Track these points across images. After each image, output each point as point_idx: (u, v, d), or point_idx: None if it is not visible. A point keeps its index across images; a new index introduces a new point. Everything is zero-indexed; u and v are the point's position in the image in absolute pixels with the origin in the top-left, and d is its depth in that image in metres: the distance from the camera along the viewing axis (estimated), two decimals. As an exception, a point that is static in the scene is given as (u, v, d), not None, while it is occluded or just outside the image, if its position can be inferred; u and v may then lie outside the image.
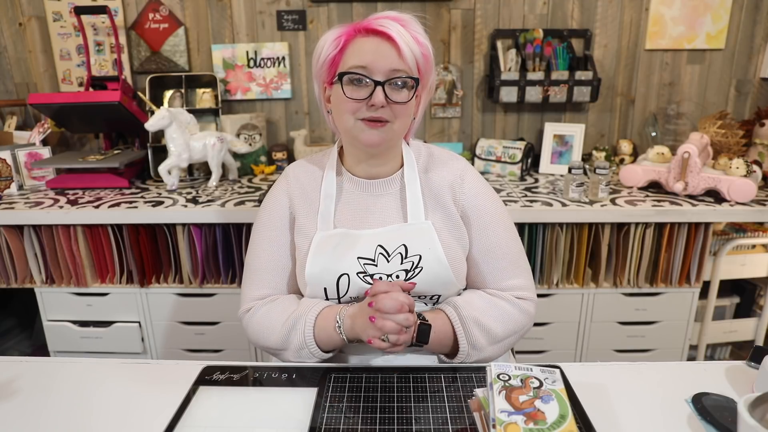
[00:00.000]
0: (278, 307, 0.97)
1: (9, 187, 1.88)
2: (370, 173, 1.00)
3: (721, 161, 1.78)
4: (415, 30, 0.91)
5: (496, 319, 0.93)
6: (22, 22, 2.15)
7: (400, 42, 0.87)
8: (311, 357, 0.91)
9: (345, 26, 0.93)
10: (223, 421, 0.77)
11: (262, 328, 0.96)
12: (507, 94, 2.07)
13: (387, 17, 0.90)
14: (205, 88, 2.16)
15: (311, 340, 0.90)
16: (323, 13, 2.14)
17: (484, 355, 0.92)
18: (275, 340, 0.93)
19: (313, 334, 0.90)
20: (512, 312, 0.95)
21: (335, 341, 0.90)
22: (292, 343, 0.91)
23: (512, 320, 0.95)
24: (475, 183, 1.01)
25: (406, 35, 0.89)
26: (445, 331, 0.91)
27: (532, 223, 1.68)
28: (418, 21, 0.92)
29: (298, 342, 0.91)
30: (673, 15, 2.11)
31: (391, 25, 0.88)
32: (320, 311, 0.92)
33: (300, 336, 0.90)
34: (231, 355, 1.83)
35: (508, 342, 0.95)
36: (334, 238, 0.95)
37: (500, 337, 0.93)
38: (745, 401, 0.62)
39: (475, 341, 0.90)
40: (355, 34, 0.91)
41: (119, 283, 1.77)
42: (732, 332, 1.93)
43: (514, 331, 0.95)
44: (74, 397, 0.85)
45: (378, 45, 0.89)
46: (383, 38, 0.89)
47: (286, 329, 0.92)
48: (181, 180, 1.99)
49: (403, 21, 0.91)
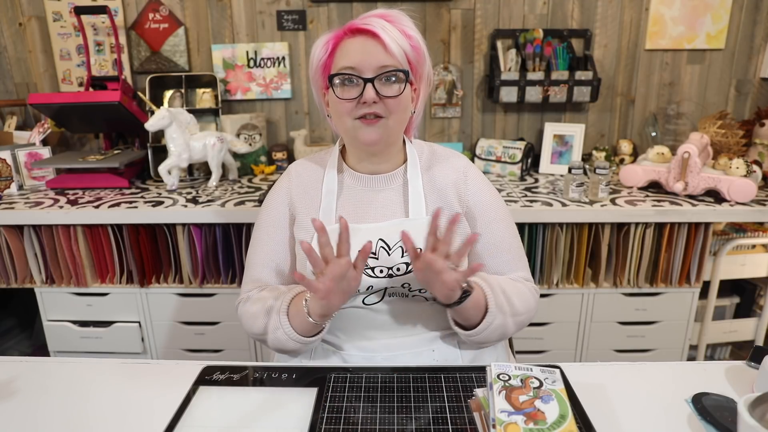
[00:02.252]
0: (263, 294, 0.98)
1: (9, 187, 1.88)
2: (371, 170, 1.01)
3: (721, 161, 1.78)
4: (402, 23, 0.92)
5: (515, 292, 0.95)
6: (22, 22, 2.15)
7: (385, 37, 0.88)
8: (289, 340, 0.90)
9: (333, 31, 0.94)
10: (223, 421, 0.77)
11: (249, 315, 0.96)
12: (507, 94, 2.07)
13: (372, 15, 0.91)
14: (205, 88, 2.16)
15: (285, 320, 0.89)
16: (323, 13, 2.14)
17: (503, 328, 0.92)
18: (259, 325, 0.94)
19: (288, 314, 0.90)
20: (526, 292, 0.97)
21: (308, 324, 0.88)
22: (269, 326, 0.92)
23: (527, 299, 0.96)
24: (479, 180, 1.02)
25: (392, 30, 0.89)
26: (476, 296, 0.90)
27: (532, 223, 1.68)
28: (405, 14, 0.93)
29: (273, 323, 0.91)
30: (673, 15, 2.11)
31: (375, 23, 0.89)
32: (296, 295, 0.92)
33: (276, 316, 0.91)
34: (231, 355, 1.84)
35: (522, 320, 0.96)
36: (335, 233, 0.95)
37: (518, 312, 0.94)
38: (745, 401, 0.62)
39: (502, 306, 0.91)
40: (342, 36, 0.92)
41: (119, 283, 1.77)
42: (732, 332, 1.93)
43: (527, 310, 0.96)
44: (74, 397, 0.85)
45: (364, 44, 0.90)
46: (369, 36, 0.89)
47: (264, 312, 0.93)
48: (181, 180, 1.99)
49: (389, 16, 0.91)
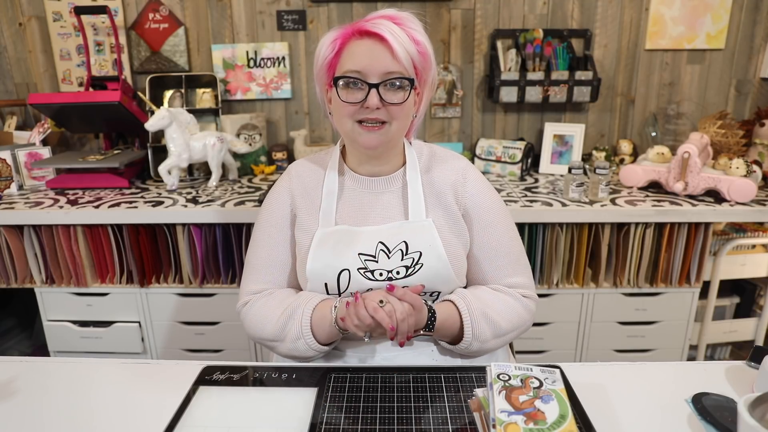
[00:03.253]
0: (275, 299, 0.97)
1: (9, 187, 1.88)
2: (371, 172, 1.01)
3: (721, 161, 1.78)
4: (412, 27, 0.90)
5: (501, 313, 0.94)
6: (22, 22, 2.15)
7: (393, 43, 0.87)
8: (307, 349, 0.91)
9: (341, 28, 0.92)
10: (223, 421, 0.77)
11: (258, 319, 0.96)
12: (507, 94, 2.07)
13: (382, 17, 0.90)
14: (205, 88, 2.16)
15: (308, 329, 0.90)
16: (323, 13, 2.14)
17: (486, 348, 0.93)
18: (271, 330, 0.93)
19: (310, 323, 0.90)
20: (517, 308, 0.96)
21: (331, 331, 0.90)
22: (288, 334, 0.91)
23: (516, 316, 0.96)
24: (477, 182, 1.01)
25: (401, 35, 0.88)
26: (453, 320, 0.91)
27: (532, 223, 1.68)
28: (415, 17, 0.91)
29: (295, 332, 0.91)
30: (673, 15, 2.11)
31: (384, 26, 0.88)
32: (319, 302, 0.92)
33: (297, 326, 0.90)
34: (231, 355, 1.83)
35: (510, 337, 0.96)
36: (335, 234, 0.96)
37: (504, 332, 0.94)
38: (745, 401, 0.62)
39: (480, 333, 0.91)
40: (350, 36, 0.91)
41: (119, 283, 1.77)
42: (732, 332, 1.93)
43: (516, 327, 0.96)
44: (74, 397, 0.85)
45: (371, 48, 0.88)
46: (377, 40, 0.88)
47: (283, 319, 0.92)
48: (181, 180, 1.99)
49: (399, 19, 0.90)
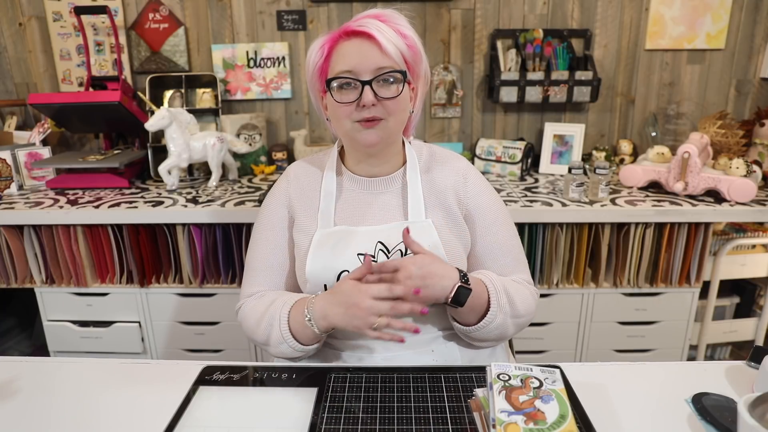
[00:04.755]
0: (263, 302, 0.97)
1: (9, 187, 1.88)
2: (370, 172, 1.01)
3: (721, 161, 1.78)
4: (397, 23, 0.91)
5: (518, 293, 0.94)
6: (22, 22, 2.15)
7: (380, 38, 0.88)
8: (293, 351, 0.91)
9: (328, 33, 0.93)
10: (223, 421, 0.77)
11: (249, 323, 0.96)
12: (507, 94, 2.07)
13: (366, 16, 0.91)
14: (205, 88, 2.16)
15: (288, 334, 0.89)
16: (323, 13, 2.14)
17: (504, 327, 0.91)
18: (260, 334, 0.93)
19: (289, 328, 0.90)
20: (528, 295, 0.97)
21: (311, 334, 0.88)
22: (271, 339, 0.91)
23: (528, 302, 0.96)
24: (478, 183, 1.02)
25: (387, 30, 0.89)
26: (480, 289, 0.90)
27: (532, 223, 1.68)
28: (400, 14, 0.92)
29: (276, 337, 0.91)
30: (673, 15, 2.10)
31: (370, 24, 0.89)
32: (293, 305, 0.91)
33: (277, 331, 0.90)
34: (231, 355, 1.83)
35: (521, 322, 0.95)
36: (334, 235, 0.96)
37: (519, 314, 0.93)
38: (745, 401, 0.62)
39: (503, 306, 0.90)
40: (338, 39, 0.92)
41: (119, 283, 1.77)
42: (732, 332, 1.93)
43: (527, 312, 0.96)
44: (74, 397, 0.84)
45: (360, 46, 0.89)
46: (364, 38, 0.89)
47: (265, 324, 0.92)
48: (181, 180, 1.98)
49: (383, 16, 0.91)
